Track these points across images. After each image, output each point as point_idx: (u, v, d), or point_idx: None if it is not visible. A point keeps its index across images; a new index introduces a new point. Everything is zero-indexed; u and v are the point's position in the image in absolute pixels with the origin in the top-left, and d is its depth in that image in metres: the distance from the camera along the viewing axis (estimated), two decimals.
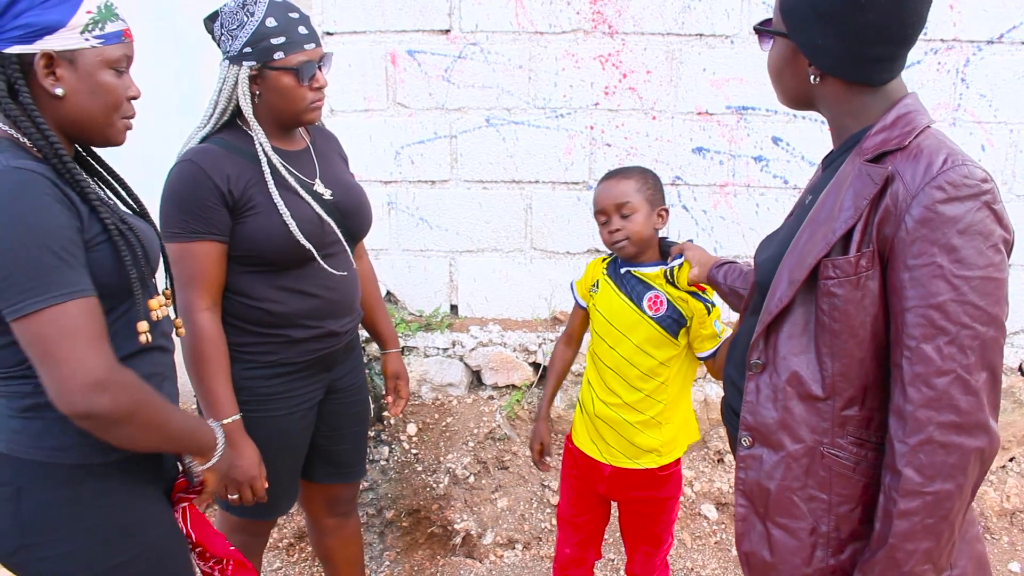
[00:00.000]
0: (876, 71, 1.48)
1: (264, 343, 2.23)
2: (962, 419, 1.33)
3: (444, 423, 3.57)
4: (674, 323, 2.29)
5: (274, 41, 2.07)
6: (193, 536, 1.82)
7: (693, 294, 2.30)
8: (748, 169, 3.55)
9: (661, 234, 2.42)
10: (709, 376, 3.55)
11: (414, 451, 3.52)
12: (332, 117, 3.58)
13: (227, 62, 2.13)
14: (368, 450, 3.52)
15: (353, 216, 2.36)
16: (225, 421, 2.09)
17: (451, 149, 3.63)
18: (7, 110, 1.52)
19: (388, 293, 3.80)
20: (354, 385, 2.54)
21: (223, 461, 1.82)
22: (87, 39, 1.54)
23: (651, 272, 2.34)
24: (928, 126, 1.46)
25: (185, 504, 1.82)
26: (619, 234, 2.29)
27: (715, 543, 3.42)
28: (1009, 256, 1.39)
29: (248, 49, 2.08)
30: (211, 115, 2.18)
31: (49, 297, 1.41)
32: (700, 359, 2.36)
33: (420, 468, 3.49)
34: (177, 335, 1.83)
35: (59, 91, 1.54)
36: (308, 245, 2.14)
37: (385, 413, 3.54)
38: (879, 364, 1.45)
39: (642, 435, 2.36)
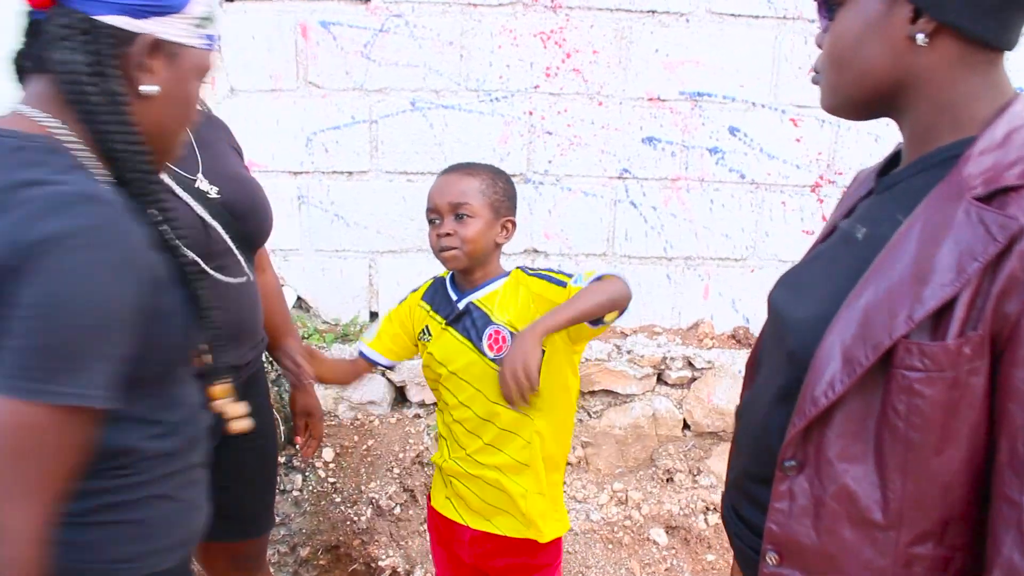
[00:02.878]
0: (1010, 23, 1.07)
1: None
2: None
3: (365, 446, 3.17)
4: None
5: None
6: None
7: (540, 276, 1.96)
8: (702, 162, 3.22)
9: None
10: (658, 389, 3.25)
11: (331, 479, 3.11)
12: (233, 98, 3.10)
13: None
14: (278, 479, 3.10)
15: (247, 218, 1.92)
16: None
17: (371, 136, 3.19)
18: (86, 96, 1.14)
19: (299, 299, 3.35)
20: (257, 426, 2.06)
21: None
22: (199, 36, 1.24)
23: (487, 292, 1.97)
24: None
25: None
26: (449, 239, 1.90)
27: (665, 570, 3.13)
28: None
29: None
30: None
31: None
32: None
33: (339, 499, 3.09)
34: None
35: (153, 89, 1.21)
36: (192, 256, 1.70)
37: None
38: (972, 491, 1.07)
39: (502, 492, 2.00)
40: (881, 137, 3.16)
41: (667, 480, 3.30)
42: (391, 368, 2.80)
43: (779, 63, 3.12)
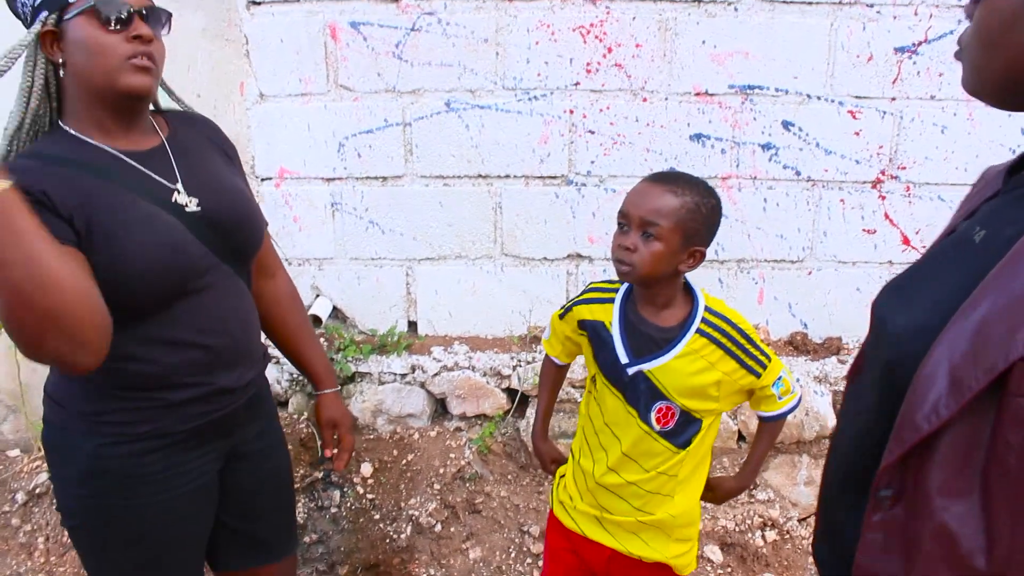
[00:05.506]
0: None
1: (132, 410, 1.66)
2: None
3: (404, 461, 3.06)
4: (686, 431, 1.84)
5: None
6: None
7: (731, 354, 1.79)
8: (754, 158, 3.04)
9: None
10: None
11: (370, 495, 3.01)
12: (262, 103, 3.00)
13: (27, 34, 1.57)
14: (315, 495, 3.01)
15: (232, 232, 1.76)
16: None
17: (405, 139, 3.07)
18: None
19: (335, 309, 3.25)
20: (266, 448, 1.98)
21: None
22: None
23: (661, 364, 1.79)
24: None
25: None
26: (627, 254, 1.72)
27: None
28: None
29: (38, 1, 1.55)
30: (22, 115, 1.59)
31: None
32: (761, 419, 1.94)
33: (378, 516, 2.99)
34: None
35: None
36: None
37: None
38: None
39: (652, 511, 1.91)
40: (948, 128, 2.95)
41: None
42: None
43: (835, 52, 2.93)
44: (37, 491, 3.18)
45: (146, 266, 1.57)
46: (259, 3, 2.95)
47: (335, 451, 2.13)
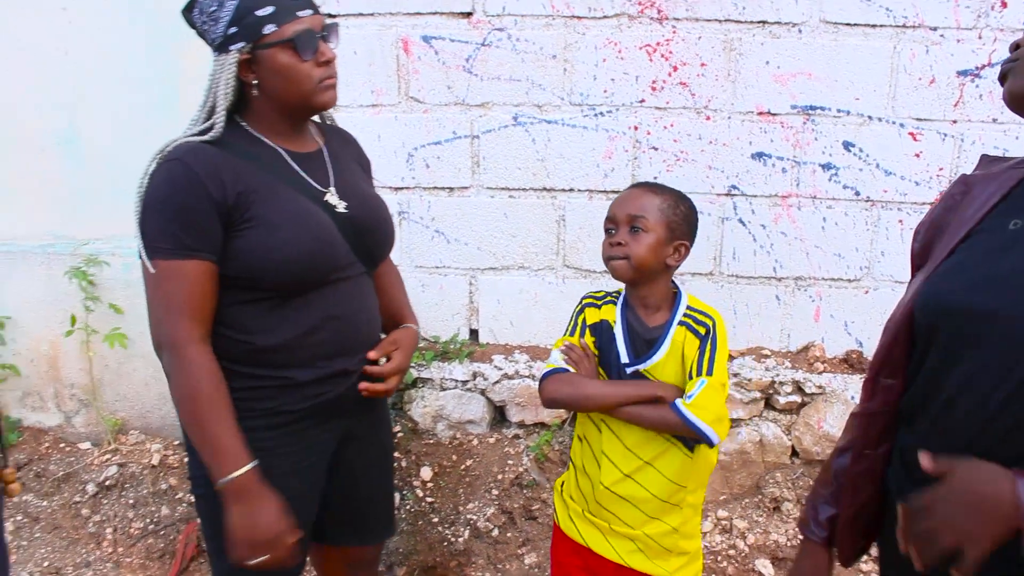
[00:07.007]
0: None
1: (260, 387, 1.82)
2: None
3: (463, 466, 3.12)
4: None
5: (261, 13, 1.70)
6: None
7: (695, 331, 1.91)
8: (815, 178, 3.08)
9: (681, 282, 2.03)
10: (765, 413, 3.12)
11: (429, 499, 3.08)
12: (334, 113, 3.07)
13: (215, 53, 1.75)
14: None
15: (371, 234, 1.96)
16: (238, 473, 1.69)
17: (472, 151, 3.15)
18: None
19: None
20: (375, 432, 2.13)
21: (241, 521, 1.69)
22: None
23: (656, 362, 1.91)
24: None
25: None
26: (619, 249, 1.88)
27: None
28: None
29: (234, 29, 1.71)
30: (200, 116, 1.80)
31: None
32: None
33: (436, 519, 3.05)
34: (7, 494, 1.36)
35: None
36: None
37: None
38: None
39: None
40: (1010, 151, 2.97)
41: (773, 509, 3.16)
42: None
43: (897, 74, 2.97)
44: (107, 483, 3.28)
45: (299, 255, 1.75)
46: (334, 16, 3.05)
47: (381, 360, 2.01)
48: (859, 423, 1.49)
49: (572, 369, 1.96)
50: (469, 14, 3.04)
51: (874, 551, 1.61)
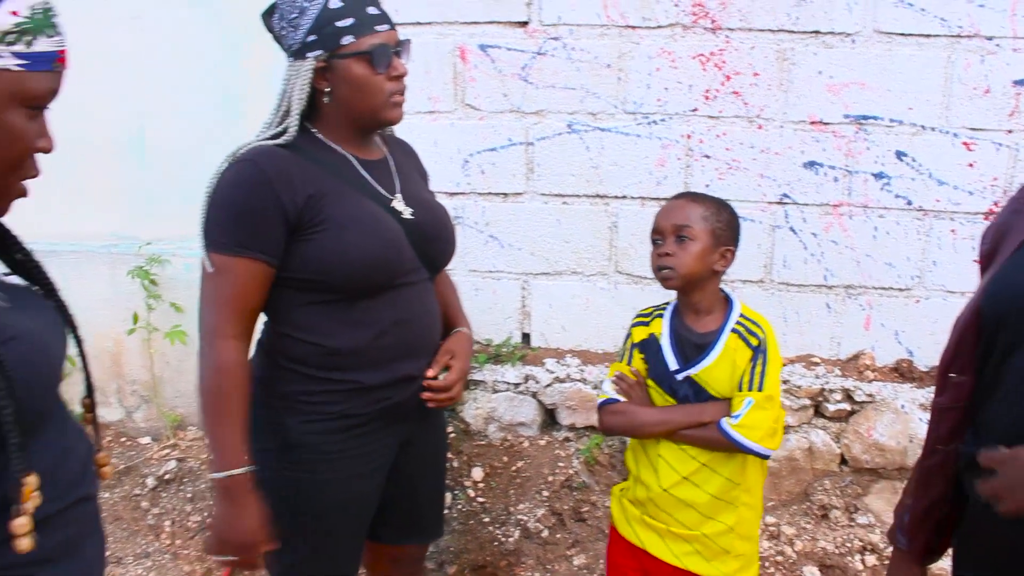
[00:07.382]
0: None
1: (328, 391, 1.87)
2: None
3: (514, 468, 3.17)
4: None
5: (341, 24, 1.76)
6: None
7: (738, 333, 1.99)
8: (866, 187, 3.10)
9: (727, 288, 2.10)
10: (815, 421, 3.13)
11: (480, 499, 3.13)
12: None
13: (291, 59, 1.82)
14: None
15: (435, 241, 2.01)
16: (234, 472, 1.74)
17: (527, 158, 3.21)
18: None
19: None
20: (432, 434, 2.19)
21: (222, 518, 1.75)
22: (8, 55, 1.04)
23: (706, 366, 1.98)
24: None
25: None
26: (667, 259, 1.96)
27: None
28: None
29: (313, 37, 1.77)
30: (274, 120, 1.87)
31: None
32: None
33: (487, 519, 3.10)
34: (101, 477, 1.38)
35: None
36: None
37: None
38: None
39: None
40: None
41: (822, 516, 3.17)
42: None
43: (951, 84, 2.98)
44: (166, 477, 3.38)
45: (368, 258, 1.81)
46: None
47: (439, 374, 2.03)
48: (931, 416, 1.52)
49: (623, 399, 2.03)
50: (525, 23, 3.10)
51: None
